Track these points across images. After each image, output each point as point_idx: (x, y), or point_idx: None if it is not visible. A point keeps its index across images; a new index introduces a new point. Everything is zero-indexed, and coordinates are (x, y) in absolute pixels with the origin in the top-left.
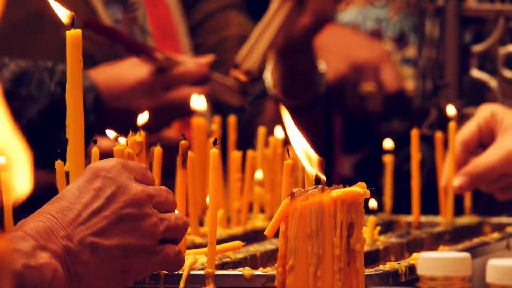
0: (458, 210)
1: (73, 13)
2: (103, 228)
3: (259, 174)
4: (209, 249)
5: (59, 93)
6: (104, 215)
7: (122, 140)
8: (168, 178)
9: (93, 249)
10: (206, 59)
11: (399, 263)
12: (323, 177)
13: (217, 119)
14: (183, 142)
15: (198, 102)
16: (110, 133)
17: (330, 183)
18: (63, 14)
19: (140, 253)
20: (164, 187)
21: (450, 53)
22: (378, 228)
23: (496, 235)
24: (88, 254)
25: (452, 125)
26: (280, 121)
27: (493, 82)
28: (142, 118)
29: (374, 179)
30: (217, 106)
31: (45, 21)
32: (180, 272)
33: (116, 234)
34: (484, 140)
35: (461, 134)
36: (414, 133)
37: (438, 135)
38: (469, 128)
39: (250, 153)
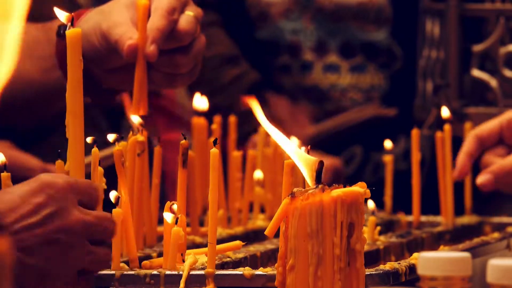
0: (459, 210)
1: (72, 14)
2: (29, 245)
3: (258, 174)
4: (209, 249)
5: None
6: (35, 233)
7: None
8: None
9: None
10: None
11: (399, 263)
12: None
13: (217, 119)
14: (183, 142)
15: (199, 102)
16: (110, 137)
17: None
18: (62, 15)
19: (57, 281)
20: (108, 215)
21: (451, 53)
22: (378, 228)
23: (496, 235)
24: None
25: (447, 127)
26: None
27: (493, 82)
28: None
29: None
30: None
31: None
32: (180, 272)
33: (39, 255)
34: (506, 139)
35: (477, 128)
36: (415, 133)
37: (438, 135)
38: (489, 124)
39: (250, 152)
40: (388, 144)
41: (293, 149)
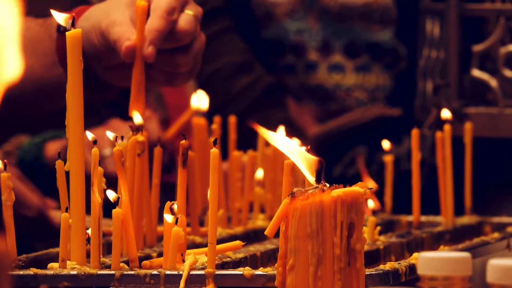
0: (459, 210)
1: (73, 14)
2: None
3: (259, 173)
4: (209, 249)
5: None
6: None
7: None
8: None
9: None
10: None
11: (399, 263)
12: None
13: (217, 119)
14: (183, 142)
15: (198, 102)
16: (110, 134)
17: None
18: (62, 16)
19: None
20: None
21: (451, 53)
22: (378, 228)
23: (496, 235)
24: None
25: (447, 127)
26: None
27: (493, 82)
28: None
29: None
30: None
31: None
32: (180, 272)
33: None
34: None
35: None
36: (415, 133)
37: (438, 135)
38: None
39: (250, 152)
40: (386, 144)
41: (295, 151)
